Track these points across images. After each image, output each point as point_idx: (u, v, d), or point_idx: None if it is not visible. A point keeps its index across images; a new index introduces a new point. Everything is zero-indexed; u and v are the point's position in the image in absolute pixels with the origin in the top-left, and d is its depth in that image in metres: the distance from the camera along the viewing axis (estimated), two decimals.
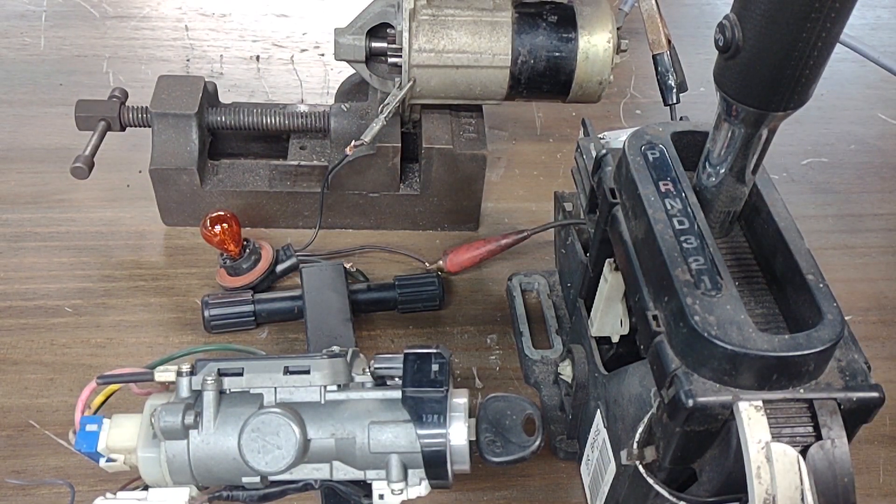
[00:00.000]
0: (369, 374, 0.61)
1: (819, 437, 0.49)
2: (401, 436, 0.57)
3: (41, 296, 0.88)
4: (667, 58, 0.89)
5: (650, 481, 0.55)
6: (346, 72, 1.04)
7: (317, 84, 1.18)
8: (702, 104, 1.09)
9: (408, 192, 0.95)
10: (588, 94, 0.90)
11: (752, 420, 0.48)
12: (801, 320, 0.52)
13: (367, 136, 0.84)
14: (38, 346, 0.83)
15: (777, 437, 0.48)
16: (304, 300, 0.84)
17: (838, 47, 0.49)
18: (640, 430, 0.56)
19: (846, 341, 0.52)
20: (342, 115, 0.93)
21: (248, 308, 0.84)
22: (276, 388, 0.58)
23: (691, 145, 0.61)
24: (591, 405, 0.70)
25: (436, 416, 0.57)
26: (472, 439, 0.58)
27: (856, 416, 0.50)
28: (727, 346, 0.48)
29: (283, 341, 0.86)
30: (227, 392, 0.58)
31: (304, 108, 0.95)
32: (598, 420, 0.68)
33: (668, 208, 0.56)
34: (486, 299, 0.92)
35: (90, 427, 0.59)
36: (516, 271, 0.93)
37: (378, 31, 0.89)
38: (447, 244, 0.95)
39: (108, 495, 0.57)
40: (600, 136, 0.75)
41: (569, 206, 0.83)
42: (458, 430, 0.57)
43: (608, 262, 0.65)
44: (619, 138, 0.74)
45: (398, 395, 0.58)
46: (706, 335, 0.49)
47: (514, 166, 1.08)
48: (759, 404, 0.49)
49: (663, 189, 0.58)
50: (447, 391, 0.58)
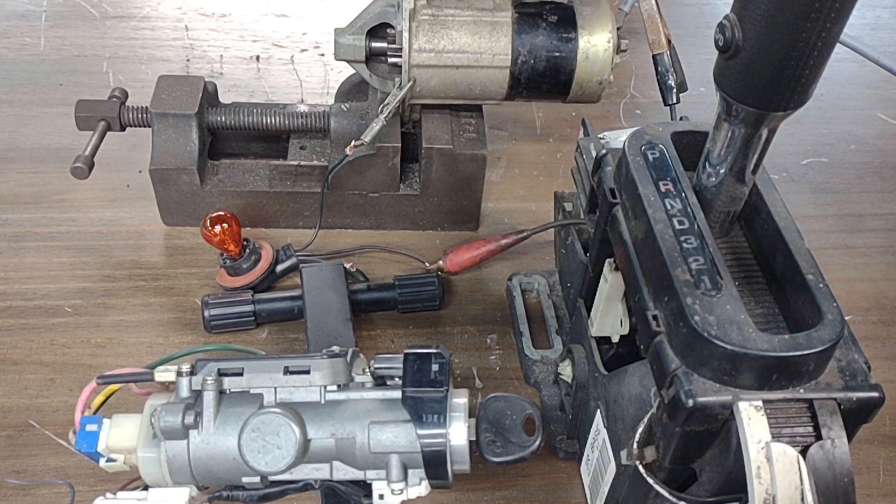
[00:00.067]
0: (369, 374, 0.61)
1: (819, 437, 0.49)
2: (401, 436, 0.57)
3: (41, 296, 0.88)
4: (667, 58, 0.89)
5: (650, 481, 0.55)
6: (346, 72, 1.04)
7: (317, 84, 1.18)
8: (702, 104, 1.09)
9: (408, 192, 0.95)
10: (588, 94, 0.90)
11: (752, 420, 0.48)
12: (801, 320, 0.52)
13: (367, 136, 0.84)
14: (38, 346, 0.83)
15: (777, 437, 0.48)
16: (304, 300, 0.84)
17: (838, 47, 0.49)
18: (640, 430, 0.56)
19: (846, 341, 0.52)
20: (342, 115, 0.93)
21: (248, 308, 0.84)
22: (276, 388, 0.58)
23: (691, 145, 0.61)
24: (591, 405, 0.70)
25: (436, 416, 0.57)
26: (472, 439, 0.58)
27: (856, 416, 0.50)
28: (727, 346, 0.48)
29: (283, 341, 0.86)
30: (227, 392, 0.58)
31: (304, 108, 0.95)
32: (598, 420, 0.68)
33: (668, 208, 0.56)
34: (486, 299, 0.92)
35: (90, 427, 0.59)
36: (516, 271, 0.93)
37: (378, 31, 0.89)
38: (447, 244, 0.95)
39: (108, 495, 0.57)
40: (600, 136, 0.75)
41: (569, 206, 0.83)
42: (458, 430, 0.57)
43: (608, 262, 0.65)
44: (619, 138, 0.74)
45: (398, 395, 0.58)
46: (706, 335, 0.49)
47: (514, 166, 1.08)
48: (759, 404, 0.49)
49: (663, 189, 0.58)
50: (447, 391, 0.58)
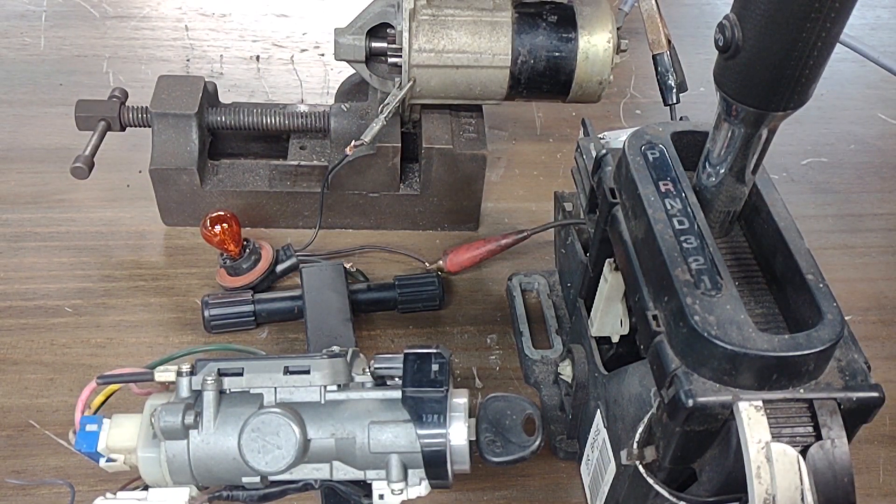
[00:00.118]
0: (369, 374, 0.61)
1: (819, 437, 0.49)
2: (401, 436, 0.57)
3: (41, 296, 0.88)
4: (667, 58, 0.89)
5: (650, 481, 0.55)
6: (346, 72, 1.04)
7: (317, 84, 1.18)
8: (702, 104, 1.09)
9: (408, 192, 0.95)
10: (588, 94, 0.90)
11: (752, 420, 0.48)
12: (801, 320, 0.52)
13: (367, 136, 0.84)
14: (38, 346, 0.83)
15: (777, 437, 0.48)
16: (304, 300, 0.84)
17: (838, 47, 0.49)
18: (640, 430, 0.56)
19: (846, 341, 0.52)
20: (342, 115, 0.93)
21: (248, 308, 0.84)
22: (276, 388, 0.58)
23: (691, 145, 0.61)
24: (591, 405, 0.70)
25: (436, 416, 0.57)
26: (472, 439, 0.58)
27: (856, 416, 0.50)
28: (727, 345, 0.48)
29: (283, 341, 0.86)
30: (227, 392, 0.58)
31: (304, 108, 0.95)
32: (598, 420, 0.68)
33: (668, 208, 0.56)
34: (486, 299, 0.92)
35: (90, 427, 0.59)
36: (516, 271, 0.93)
37: (378, 31, 0.89)
38: (447, 244, 0.95)
39: (108, 495, 0.57)
40: (600, 136, 0.75)
41: (569, 206, 0.83)
42: (458, 430, 0.57)
43: (608, 262, 0.65)
44: (619, 138, 0.74)
45: (398, 395, 0.58)
46: (706, 335, 0.49)
47: (514, 166, 1.08)
48: (759, 404, 0.49)
49: (663, 189, 0.58)
50: (447, 391, 0.58)
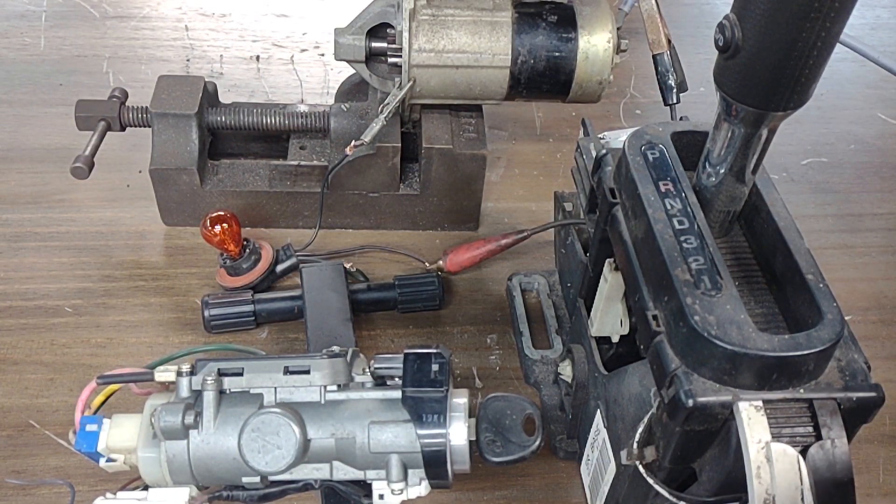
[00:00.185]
0: (369, 374, 0.61)
1: (819, 437, 0.49)
2: (401, 436, 0.57)
3: (41, 296, 0.88)
4: (667, 58, 0.89)
5: (650, 481, 0.55)
6: (346, 72, 1.04)
7: (317, 84, 1.18)
8: (702, 104, 1.09)
9: (408, 192, 0.95)
10: (588, 94, 0.90)
11: (752, 420, 0.48)
12: (801, 320, 0.52)
13: (367, 136, 0.84)
14: (38, 346, 0.83)
15: (777, 437, 0.48)
16: (304, 300, 0.84)
17: (838, 47, 0.49)
18: (640, 430, 0.56)
19: (846, 341, 0.52)
20: (342, 115, 0.93)
21: (248, 308, 0.84)
22: (276, 388, 0.58)
23: (691, 145, 0.61)
24: (591, 405, 0.70)
25: (436, 416, 0.57)
26: (472, 439, 0.58)
27: (856, 416, 0.50)
28: (727, 345, 0.48)
29: (283, 341, 0.86)
30: (227, 392, 0.58)
31: (304, 108, 0.95)
32: (598, 420, 0.68)
33: (668, 208, 0.56)
34: (486, 299, 0.92)
35: (90, 427, 0.59)
36: (516, 271, 0.93)
37: (378, 31, 0.89)
38: (447, 244, 0.95)
39: (108, 495, 0.57)
40: (600, 136, 0.75)
41: (569, 206, 0.83)
42: (458, 430, 0.57)
43: (608, 262, 0.65)
44: (619, 138, 0.74)
45: (398, 395, 0.58)
46: (706, 335, 0.49)
47: (514, 166, 1.08)
48: (759, 404, 0.49)
49: (663, 189, 0.58)
50: (447, 391, 0.58)
